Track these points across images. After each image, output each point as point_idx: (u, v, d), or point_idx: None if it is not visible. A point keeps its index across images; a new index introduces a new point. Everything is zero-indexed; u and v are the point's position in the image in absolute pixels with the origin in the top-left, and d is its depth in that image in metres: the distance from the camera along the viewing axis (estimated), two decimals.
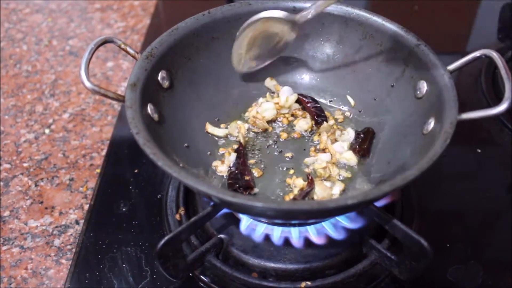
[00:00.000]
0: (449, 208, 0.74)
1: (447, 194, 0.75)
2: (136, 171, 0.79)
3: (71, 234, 0.72)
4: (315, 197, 0.65)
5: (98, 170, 0.80)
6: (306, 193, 0.64)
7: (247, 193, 0.64)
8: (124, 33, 1.07)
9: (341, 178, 0.67)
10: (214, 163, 0.68)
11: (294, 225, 0.65)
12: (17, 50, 1.03)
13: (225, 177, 0.68)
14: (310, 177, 0.66)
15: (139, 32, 1.08)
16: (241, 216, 0.67)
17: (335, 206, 0.50)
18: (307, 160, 0.69)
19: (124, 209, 0.74)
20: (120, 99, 0.60)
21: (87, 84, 0.58)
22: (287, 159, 0.70)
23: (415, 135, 0.63)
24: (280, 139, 0.73)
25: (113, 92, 0.60)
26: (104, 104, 0.92)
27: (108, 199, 0.75)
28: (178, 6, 1.14)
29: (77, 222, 0.74)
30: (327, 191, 0.66)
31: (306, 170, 0.69)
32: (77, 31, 1.08)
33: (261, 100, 0.75)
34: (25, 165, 0.82)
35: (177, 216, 0.71)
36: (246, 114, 0.75)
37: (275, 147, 0.72)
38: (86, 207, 0.76)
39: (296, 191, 0.66)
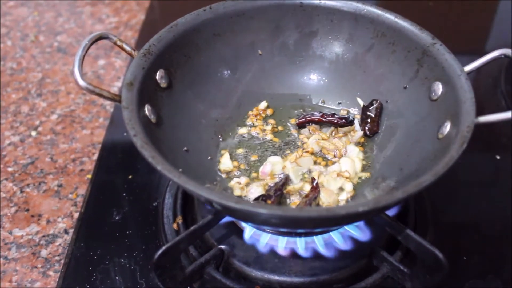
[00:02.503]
0: (466, 218, 0.76)
1: (463, 203, 0.77)
2: (130, 177, 0.80)
3: (60, 244, 0.74)
4: (321, 204, 0.67)
5: (89, 176, 0.82)
6: (311, 200, 0.65)
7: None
8: (116, 29, 1.09)
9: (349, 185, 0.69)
10: (233, 183, 0.70)
11: (300, 235, 0.67)
12: (0, 46, 1.05)
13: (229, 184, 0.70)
14: (315, 182, 0.67)
15: (133, 28, 1.09)
16: (244, 225, 0.68)
17: (346, 213, 0.51)
18: (313, 168, 0.71)
19: (117, 218, 0.75)
20: (116, 99, 0.61)
21: (81, 82, 0.59)
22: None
23: (430, 139, 0.64)
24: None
25: (108, 91, 0.61)
26: (95, 105, 0.93)
27: (99, 207, 0.76)
28: (175, 1, 1.16)
29: (66, 232, 0.75)
30: (333, 198, 0.67)
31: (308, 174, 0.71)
32: (65, 26, 1.10)
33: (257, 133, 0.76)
34: (9, 170, 0.84)
35: (175, 226, 0.72)
36: (248, 120, 0.77)
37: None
38: (76, 215, 0.77)
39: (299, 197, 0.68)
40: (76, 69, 0.60)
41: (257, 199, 0.65)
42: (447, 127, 0.62)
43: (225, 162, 0.72)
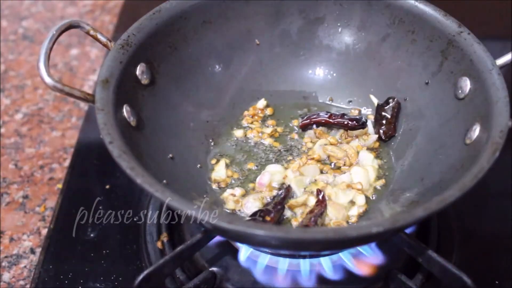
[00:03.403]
0: (497, 235, 0.75)
1: (495, 218, 0.76)
2: (107, 186, 0.80)
3: (25, 266, 0.73)
4: (328, 221, 0.66)
5: (60, 186, 0.81)
6: (317, 216, 0.64)
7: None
8: (92, 13, 1.09)
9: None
10: (225, 194, 0.70)
11: (304, 256, 0.66)
12: None
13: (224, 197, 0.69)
14: (321, 195, 0.67)
15: (111, 12, 1.09)
16: (239, 245, 0.67)
17: (357, 235, 0.51)
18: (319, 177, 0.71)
19: (92, 235, 0.75)
20: (89, 99, 0.60)
21: (48, 80, 0.59)
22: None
23: (456, 145, 0.64)
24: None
25: (80, 90, 0.60)
26: (67, 102, 0.93)
27: (71, 222, 0.76)
28: None
29: (32, 251, 0.74)
30: (342, 213, 0.67)
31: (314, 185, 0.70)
32: (32, 9, 1.09)
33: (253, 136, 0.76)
34: None
35: (159, 244, 0.71)
36: (244, 122, 0.77)
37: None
38: (45, 231, 0.76)
39: (302, 212, 0.67)
40: (42, 64, 0.59)
41: (254, 215, 0.64)
42: (476, 131, 0.62)
43: (220, 170, 0.71)
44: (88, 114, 0.90)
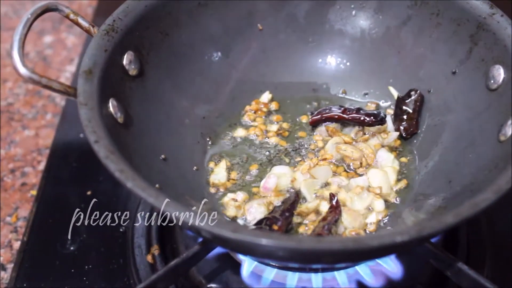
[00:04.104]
0: None
1: None
2: (88, 192, 0.80)
3: None
4: (343, 229, 0.66)
5: (34, 192, 0.81)
6: (330, 224, 0.64)
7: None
8: None
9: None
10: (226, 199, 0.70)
11: (316, 270, 0.66)
12: None
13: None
14: (334, 200, 0.67)
15: None
16: (241, 258, 0.68)
17: (379, 245, 0.51)
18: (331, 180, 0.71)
19: (72, 248, 0.75)
20: (70, 92, 0.60)
21: (23, 71, 0.59)
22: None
23: (488, 142, 0.64)
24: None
25: (60, 82, 0.60)
26: (41, 96, 0.93)
27: (48, 234, 0.76)
28: None
29: (3, 267, 0.74)
30: (359, 221, 0.67)
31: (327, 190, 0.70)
32: None
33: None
34: None
35: (149, 258, 0.71)
36: (245, 118, 0.77)
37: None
38: (17, 245, 0.76)
39: (313, 219, 0.67)
40: (16, 52, 0.59)
41: (259, 223, 0.64)
42: None
43: (220, 173, 0.72)
44: (65, 110, 0.90)
